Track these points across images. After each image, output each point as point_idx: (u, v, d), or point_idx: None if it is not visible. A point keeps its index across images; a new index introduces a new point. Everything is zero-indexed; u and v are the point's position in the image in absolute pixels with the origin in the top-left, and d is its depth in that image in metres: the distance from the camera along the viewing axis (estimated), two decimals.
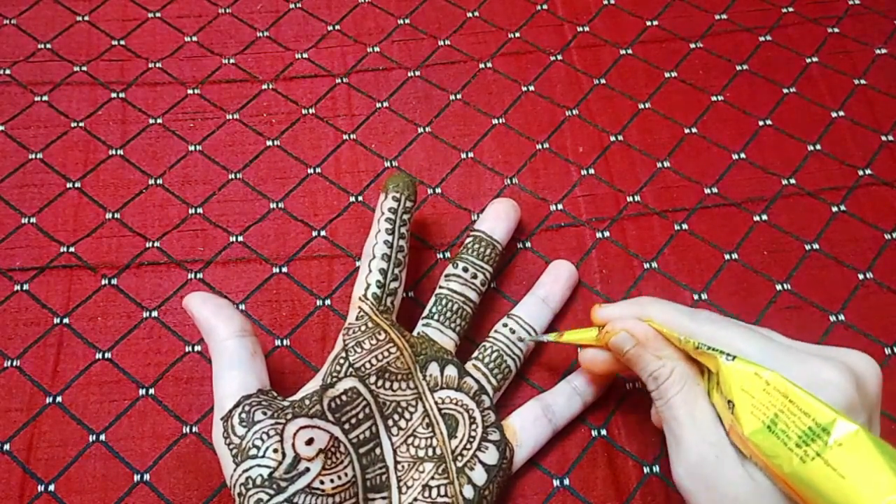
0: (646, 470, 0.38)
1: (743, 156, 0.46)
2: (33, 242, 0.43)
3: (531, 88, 0.49)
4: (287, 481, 0.30)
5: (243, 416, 0.32)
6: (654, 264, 0.43)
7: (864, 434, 0.26)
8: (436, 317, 0.38)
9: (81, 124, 0.47)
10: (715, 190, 0.45)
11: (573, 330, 0.38)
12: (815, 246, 0.43)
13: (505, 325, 0.39)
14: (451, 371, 0.37)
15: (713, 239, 0.44)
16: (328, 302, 0.42)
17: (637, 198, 0.45)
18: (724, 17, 0.52)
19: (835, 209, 0.44)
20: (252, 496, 0.30)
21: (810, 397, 0.27)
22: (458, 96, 0.49)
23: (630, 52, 0.50)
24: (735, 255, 0.43)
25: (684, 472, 0.31)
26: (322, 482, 0.31)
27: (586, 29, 0.51)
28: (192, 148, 0.47)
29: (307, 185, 0.46)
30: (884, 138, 0.47)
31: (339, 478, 0.32)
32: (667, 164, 0.46)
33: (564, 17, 0.52)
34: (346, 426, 0.33)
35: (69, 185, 0.45)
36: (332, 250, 0.43)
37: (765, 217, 0.44)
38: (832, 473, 0.26)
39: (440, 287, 0.39)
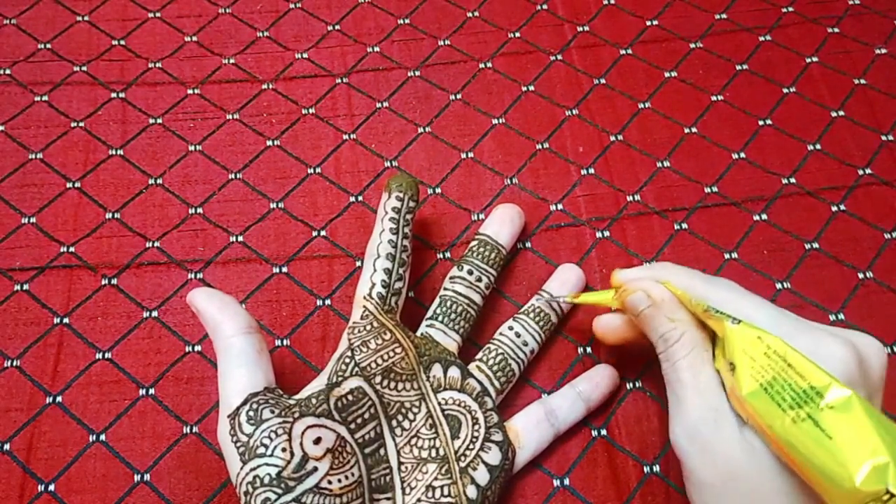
0: (646, 470, 0.38)
1: (743, 155, 0.46)
2: (33, 242, 0.43)
3: (531, 88, 0.49)
4: (295, 481, 0.30)
5: (251, 413, 0.31)
6: (654, 263, 0.43)
7: (857, 399, 0.27)
8: (440, 318, 0.38)
9: (81, 124, 0.47)
10: (715, 189, 0.45)
11: (590, 292, 0.39)
12: (815, 245, 0.43)
13: (510, 329, 0.39)
14: (454, 372, 0.37)
15: (713, 238, 0.44)
16: (328, 302, 0.42)
17: (637, 197, 0.45)
18: (724, 16, 0.52)
19: (834, 209, 0.45)
20: (259, 495, 0.30)
21: (809, 362, 0.28)
22: (458, 96, 0.49)
23: (630, 51, 0.50)
24: (735, 255, 0.43)
25: (682, 433, 0.31)
26: (330, 482, 0.31)
27: (586, 29, 0.51)
28: (192, 148, 0.47)
29: (307, 185, 0.46)
30: (884, 138, 0.47)
31: (346, 478, 0.32)
32: (667, 163, 0.46)
33: (564, 17, 0.52)
34: (352, 426, 0.33)
35: (69, 185, 0.45)
36: (332, 250, 0.43)
37: (765, 216, 0.44)
38: (820, 434, 0.26)
39: (444, 289, 0.39)
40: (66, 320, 0.41)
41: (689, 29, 0.51)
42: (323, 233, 0.44)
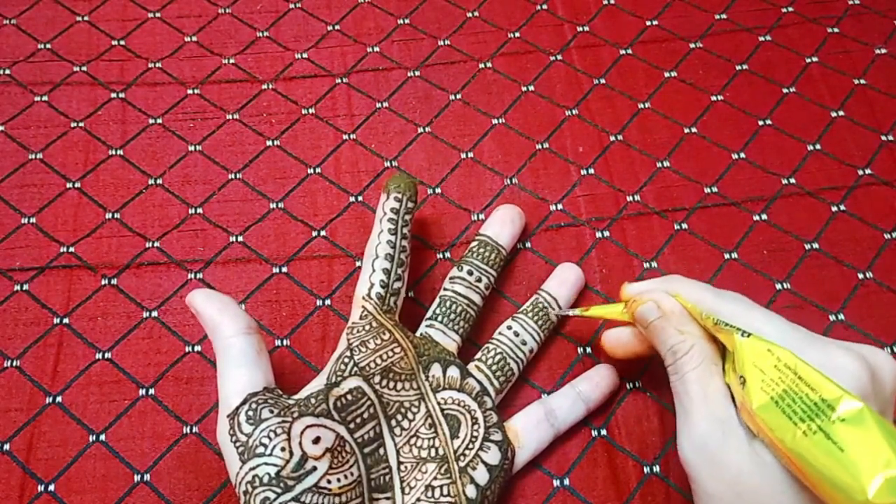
0: (646, 470, 0.38)
1: (743, 155, 0.46)
2: (33, 242, 0.43)
3: (531, 88, 0.49)
4: (294, 480, 0.30)
5: (250, 413, 0.32)
6: (654, 264, 0.43)
7: (868, 412, 0.26)
8: (439, 318, 0.38)
9: (81, 124, 0.47)
10: (715, 189, 0.45)
11: (599, 305, 0.39)
12: (815, 245, 0.43)
13: (509, 328, 0.39)
14: (453, 372, 0.37)
15: (713, 238, 0.44)
16: (328, 302, 0.42)
17: (637, 197, 0.45)
18: (723, 17, 0.52)
19: (834, 209, 0.45)
20: (258, 495, 0.30)
21: (819, 375, 0.28)
22: (458, 96, 0.49)
23: (630, 51, 0.50)
24: (735, 255, 0.43)
25: (689, 447, 0.31)
26: (329, 481, 0.31)
27: (586, 29, 0.51)
28: (191, 148, 0.47)
29: (307, 185, 0.46)
30: (883, 138, 0.47)
31: (346, 477, 0.32)
32: (666, 163, 0.46)
33: (564, 17, 0.52)
34: (352, 426, 0.33)
35: (69, 185, 0.45)
36: (332, 250, 0.43)
37: (764, 216, 0.44)
38: (832, 447, 0.26)
39: (444, 289, 0.39)
40: (65, 320, 0.41)
41: (689, 29, 0.51)
42: (323, 233, 0.44)
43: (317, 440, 0.32)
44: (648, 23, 0.51)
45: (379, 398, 0.35)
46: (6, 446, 0.38)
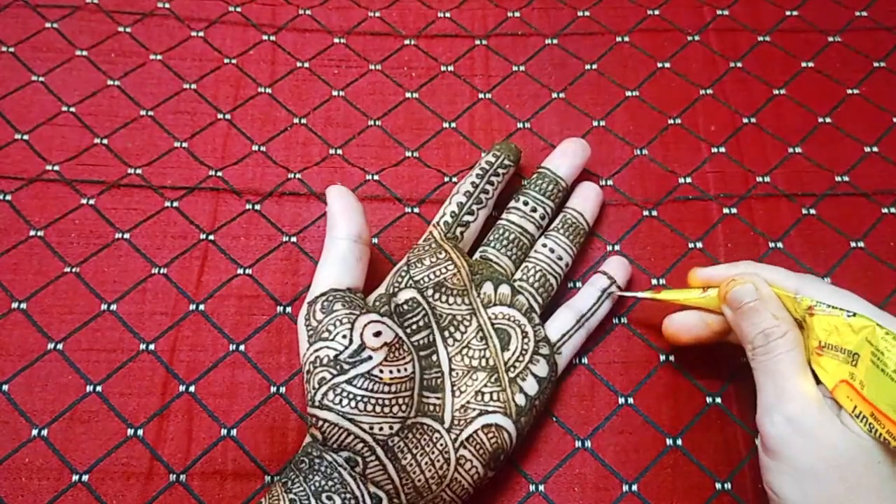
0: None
1: (876, 149, 0.46)
2: (184, 164, 0.46)
3: (667, 65, 0.50)
4: (350, 365, 0.33)
5: (325, 304, 0.35)
6: (780, 244, 0.43)
7: None
8: (493, 244, 0.41)
9: (234, 61, 0.49)
10: (846, 179, 0.45)
11: (672, 290, 0.39)
12: None
13: (544, 246, 0.41)
14: (504, 290, 0.39)
15: (840, 226, 0.44)
16: None
17: (767, 179, 0.45)
18: (864, 14, 0.51)
19: None
20: (317, 374, 0.33)
21: None
22: (594, 66, 0.50)
23: (768, 39, 0.50)
24: (861, 244, 0.43)
25: (782, 420, 0.32)
26: (381, 371, 0.33)
27: (726, 13, 0.51)
28: (335, 93, 0.49)
29: (442, 137, 0.47)
30: None
31: (398, 371, 0.34)
32: (798, 149, 0.46)
33: (704, 0, 0.52)
34: (408, 331, 0.36)
35: (219, 115, 0.47)
36: None
37: (893, 210, 0.44)
38: None
39: (500, 218, 0.42)
40: (211, 237, 0.43)
41: (828, 23, 0.51)
42: (455, 179, 0.45)
43: (377, 334, 0.34)
44: (788, 13, 0.51)
45: (432, 310, 0.37)
46: (151, 346, 0.40)
